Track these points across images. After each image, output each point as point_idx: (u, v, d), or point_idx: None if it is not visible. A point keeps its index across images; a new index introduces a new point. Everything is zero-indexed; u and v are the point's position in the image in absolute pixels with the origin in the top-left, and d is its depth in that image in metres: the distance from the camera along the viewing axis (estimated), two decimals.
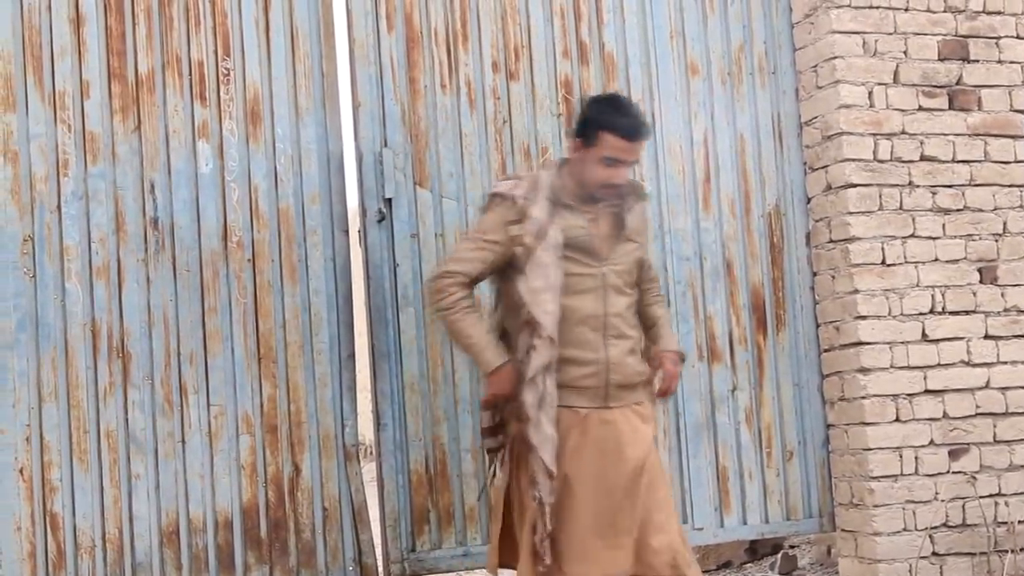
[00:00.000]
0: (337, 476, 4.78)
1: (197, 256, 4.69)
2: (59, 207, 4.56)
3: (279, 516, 4.71)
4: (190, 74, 4.75)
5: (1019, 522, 5.27)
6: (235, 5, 4.81)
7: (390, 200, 4.90)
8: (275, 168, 4.80)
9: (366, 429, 8.56)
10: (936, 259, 5.29)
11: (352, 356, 4.85)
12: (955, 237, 5.32)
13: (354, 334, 4.87)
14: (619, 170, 4.05)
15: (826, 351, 5.38)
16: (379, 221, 4.89)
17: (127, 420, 4.57)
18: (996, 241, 5.37)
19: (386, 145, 4.93)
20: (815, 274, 5.41)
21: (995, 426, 5.31)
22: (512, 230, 4.06)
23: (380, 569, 4.84)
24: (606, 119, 4.04)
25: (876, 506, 5.13)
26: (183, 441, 4.63)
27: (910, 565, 5.12)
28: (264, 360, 4.73)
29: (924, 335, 5.24)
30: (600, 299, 4.08)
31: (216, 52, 4.78)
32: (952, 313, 5.29)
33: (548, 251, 4.01)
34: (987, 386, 5.31)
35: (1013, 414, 5.33)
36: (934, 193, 5.31)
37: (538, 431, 3.97)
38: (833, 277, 5.30)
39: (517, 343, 4.08)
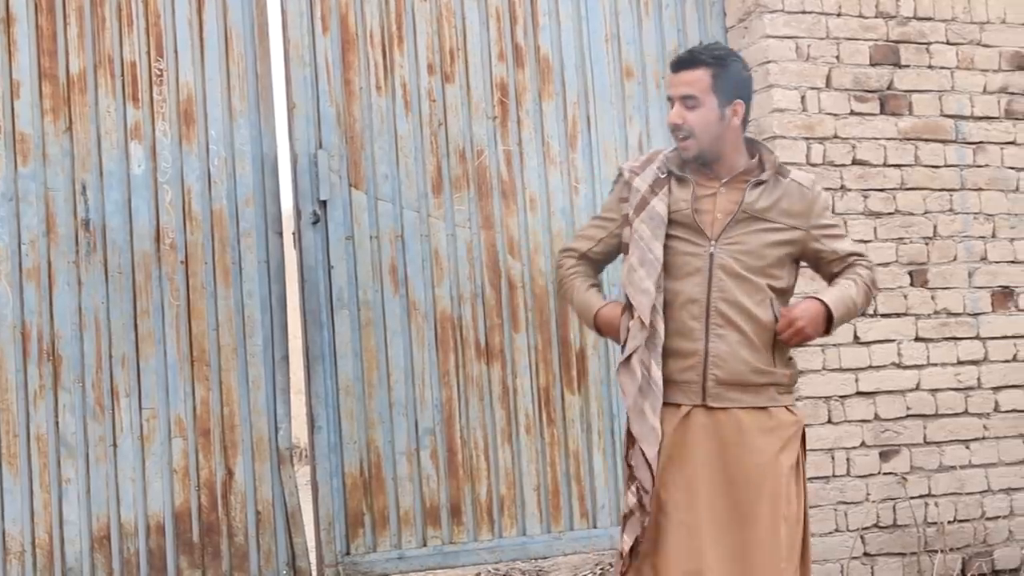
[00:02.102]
0: (271, 479, 4.76)
1: (129, 258, 4.66)
2: None
3: (212, 520, 4.68)
4: (123, 75, 4.71)
5: (949, 522, 5.34)
6: (168, 5, 4.78)
7: (325, 202, 4.89)
8: (208, 170, 4.78)
9: (300, 432, 8.50)
10: None
11: (286, 358, 4.83)
12: (886, 240, 5.38)
13: (288, 336, 4.86)
14: (673, 109, 3.56)
15: None
16: (314, 223, 4.88)
17: (58, 423, 4.53)
18: (926, 244, 5.43)
19: (321, 147, 4.91)
20: None
21: (925, 427, 5.37)
22: (624, 207, 3.66)
23: (314, 573, 4.83)
24: None
25: (808, 507, 5.15)
26: (115, 445, 4.59)
27: (842, 566, 5.17)
28: (197, 363, 4.70)
29: (856, 337, 5.29)
30: (704, 282, 3.52)
31: (149, 53, 4.75)
32: (883, 316, 5.35)
33: (646, 224, 3.55)
34: (917, 388, 5.37)
35: (943, 415, 5.39)
36: (866, 197, 5.36)
37: (641, 421, 3.48)
38: None
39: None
